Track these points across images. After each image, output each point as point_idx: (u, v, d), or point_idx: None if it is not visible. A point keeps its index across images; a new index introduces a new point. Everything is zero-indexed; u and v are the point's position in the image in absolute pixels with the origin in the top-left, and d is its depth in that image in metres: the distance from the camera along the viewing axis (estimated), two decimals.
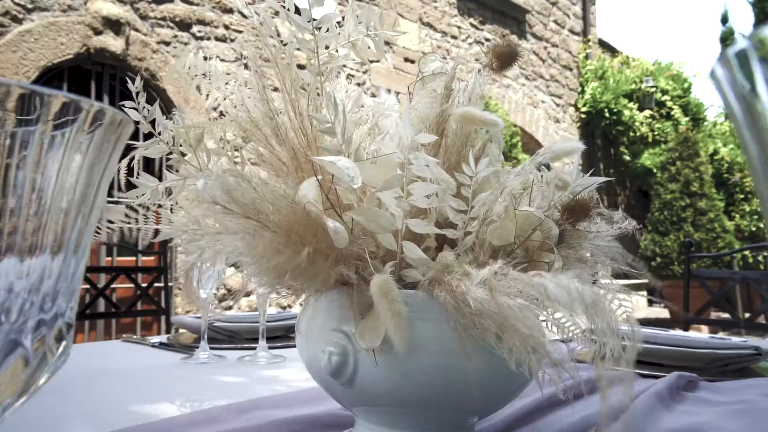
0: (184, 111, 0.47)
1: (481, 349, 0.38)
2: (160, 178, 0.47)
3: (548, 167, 0.51)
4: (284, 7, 0.47)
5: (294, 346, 1.05)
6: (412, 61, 5.29)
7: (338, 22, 0.49)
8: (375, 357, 0.40)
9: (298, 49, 0.49)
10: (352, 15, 0.50)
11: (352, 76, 4.79)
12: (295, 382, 0.77)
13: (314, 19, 0.47)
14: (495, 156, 0.51)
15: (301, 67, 0.50)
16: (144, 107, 0.42)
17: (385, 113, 0.54)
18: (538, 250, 0.47)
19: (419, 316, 0.40)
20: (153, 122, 0.46)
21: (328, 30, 0.49)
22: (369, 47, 0.51)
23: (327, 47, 0.49)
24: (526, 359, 0.35)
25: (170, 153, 0.46)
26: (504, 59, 0.53)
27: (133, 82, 0.42)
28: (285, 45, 0.49)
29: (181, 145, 0.44)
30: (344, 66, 0.50)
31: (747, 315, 1.72)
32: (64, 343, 0.19)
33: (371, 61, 0.53)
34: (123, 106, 0.39)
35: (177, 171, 0.47)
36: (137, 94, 0.42)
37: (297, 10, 0.47)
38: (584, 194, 0.48)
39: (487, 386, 0.43)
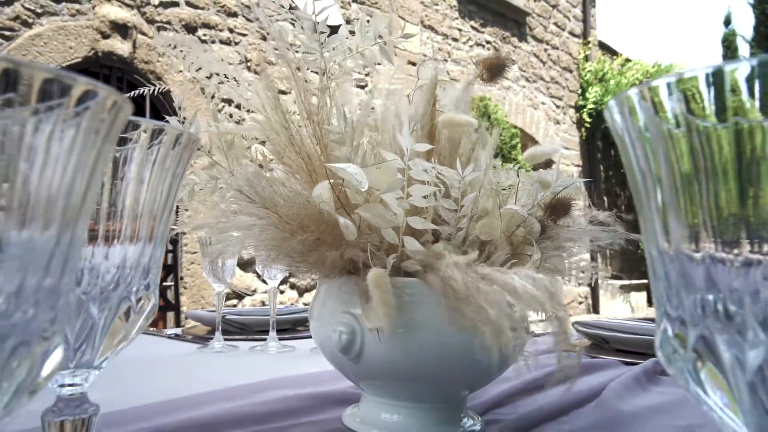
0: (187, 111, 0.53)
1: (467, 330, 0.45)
2: None
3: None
4: (294, 21, 0.52)
5: (302, 338, 1.12)
6: (414, 64, 5.36)
7: (348, 27, 0.54)
8: (379, 335, 0.47)
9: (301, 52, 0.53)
10: (362, 26, 0.55)
11: (355, 79, 4.85)
12: (304, 368, 0.84)
13: (323, 32, 0.52)
14: (485, 158, 0.58)
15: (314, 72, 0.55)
16: (184, 118, 0.48)
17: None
18: (522, 244, 0.54)
19: (416, 299, 0.46)
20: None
21: (335, 48, 0.55)
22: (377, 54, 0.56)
23: (335, 61, 0.55)
24: (494, 342, 0.41)
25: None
26: (494, 70, 0.59)
27: (141, 85, 0.49)
28: (292, 47, 0.54)
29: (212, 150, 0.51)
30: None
31: None
32: (152, 301, 0.27)
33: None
34: (166, 119, 0.46)
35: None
36: (179, 108, 0.48)
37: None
38: (565, 193, 0.55)
39: (473, 362, 0.49)
